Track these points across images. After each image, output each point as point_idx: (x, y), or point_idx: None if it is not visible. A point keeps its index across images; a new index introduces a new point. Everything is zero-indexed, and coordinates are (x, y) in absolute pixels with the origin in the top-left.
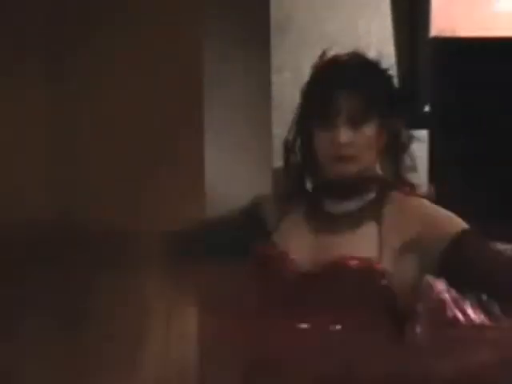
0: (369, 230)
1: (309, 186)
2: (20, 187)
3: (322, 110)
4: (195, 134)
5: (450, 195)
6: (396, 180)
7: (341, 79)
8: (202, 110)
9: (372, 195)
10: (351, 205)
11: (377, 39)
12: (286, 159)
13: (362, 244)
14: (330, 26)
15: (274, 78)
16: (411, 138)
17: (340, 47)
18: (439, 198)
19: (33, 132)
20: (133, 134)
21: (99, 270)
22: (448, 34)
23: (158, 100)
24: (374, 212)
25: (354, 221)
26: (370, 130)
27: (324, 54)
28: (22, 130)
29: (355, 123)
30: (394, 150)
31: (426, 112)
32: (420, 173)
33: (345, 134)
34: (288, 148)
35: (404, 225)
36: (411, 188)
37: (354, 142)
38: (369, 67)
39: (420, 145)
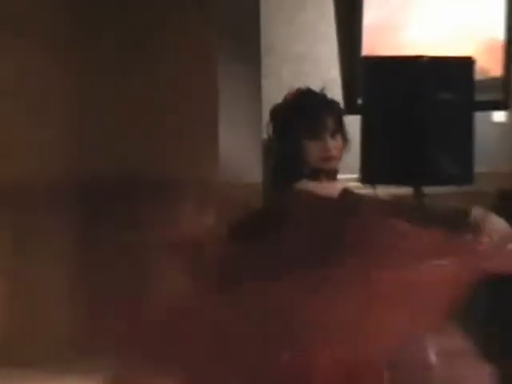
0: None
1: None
2: (93, 151)
3: (313, 127)
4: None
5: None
6: None
7: (325, 107)
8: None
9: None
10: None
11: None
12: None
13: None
14: (300, 47)
15: (263, 82)
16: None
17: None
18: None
19: (105, 105)
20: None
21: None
22: (372, 54)
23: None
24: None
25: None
26: (339, 139)
27: (299, 88)
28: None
29: (333, 135)
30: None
31: (359, 104)
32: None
33: (330, 143)
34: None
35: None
36: None
37: (334, 147)
38: (325, 96)
39: (354, 126)
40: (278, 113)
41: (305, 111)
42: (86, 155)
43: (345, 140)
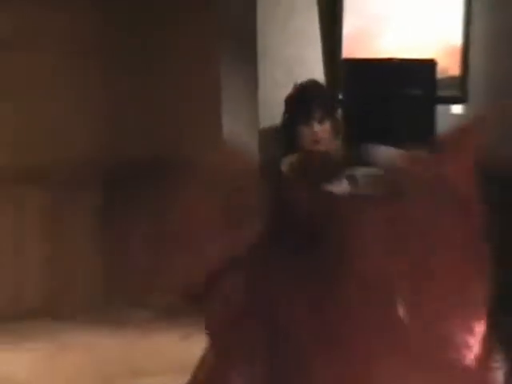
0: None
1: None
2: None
3: (305, 115)
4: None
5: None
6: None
7: (313, 98)
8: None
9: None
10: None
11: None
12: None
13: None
14: (290, 51)
15: (259, 82)
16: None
17: (298, 66)
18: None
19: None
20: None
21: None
22: (351, 57)
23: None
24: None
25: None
26: (328, 125)
27: (296, 84)
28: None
29: (320, 122)
30: (338, 135)
31: (339, 99)
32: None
33: (317, 128)
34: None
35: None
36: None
37: (321, 132)
38: (321, 88)
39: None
40: (284, 104)
41: (297, 102)
42: (109, 141)
43: (335, 126)
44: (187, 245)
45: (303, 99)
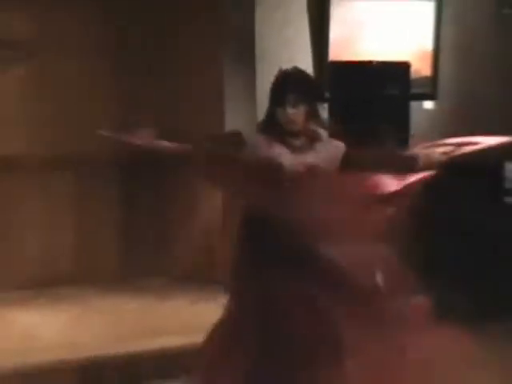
0: (312, 155)
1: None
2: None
3: (281, 99)
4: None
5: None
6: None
7: (289, 85)
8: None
9: (306, 137)
10: (297, 141)
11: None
12: (266, 117)
13: (310, 157)
14: (285, 55)
15: (256, 82)
16: (323, 112)
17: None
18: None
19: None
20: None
21: None
22: (336, 59)
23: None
24: (309, 144)
25: (301, 148)
26: (301, 109)
27: (280, 69)
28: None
29: (294, 105)
30: (314, 118)
31: (326, 95)
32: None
33: (290, 111)
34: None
35: (322, 148)
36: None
37: (294, 114)
38: (302, 76)
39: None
40: (270, 90)
41: (275, 86)
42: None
43: (309, 110)
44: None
45: (280, 84)
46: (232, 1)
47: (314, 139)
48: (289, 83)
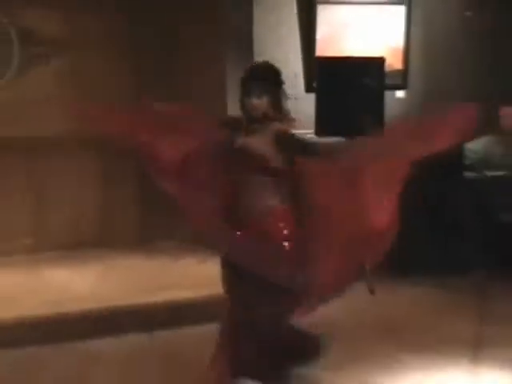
0: (267, 139)
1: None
2: None
3: (247, 90)
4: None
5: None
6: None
7: (254, 77)
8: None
9: (267, 124)
10: (261, 127)
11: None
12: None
13: (255, 141)
14: (279, 53)
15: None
16: (286, 100)
17: (283, 63)
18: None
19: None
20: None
21: None
22: (322, 55)
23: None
24: (268, 130)
25: (262, 133)
26: (265, 99)
27: (251, 64)
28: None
29: (259, 96)
30: (277, 108)
31: (314, 86)
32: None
33: (254, 101)
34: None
35: (278, 135)
36: (281, 120)
37: (258, 104)
38: (267, 69)
39: (311, 100)
40: (240, 82)
41: (242, 79)
42: None
43: (273, 101)
44: None
45: (246, 77)
46: (232, 1)
47: (267, 125)
48: (254, 76)
